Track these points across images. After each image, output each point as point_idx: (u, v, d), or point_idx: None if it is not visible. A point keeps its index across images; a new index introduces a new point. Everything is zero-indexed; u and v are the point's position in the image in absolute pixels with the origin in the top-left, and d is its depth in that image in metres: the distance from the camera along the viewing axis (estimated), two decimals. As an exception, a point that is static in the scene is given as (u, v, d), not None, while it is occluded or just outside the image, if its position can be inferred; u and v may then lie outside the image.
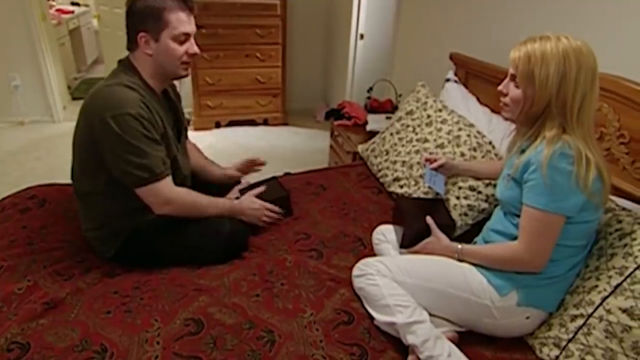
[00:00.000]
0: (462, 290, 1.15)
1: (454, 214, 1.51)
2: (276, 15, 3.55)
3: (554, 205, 1.03)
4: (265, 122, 3.91)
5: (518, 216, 1.13)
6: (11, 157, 3.19)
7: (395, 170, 1.78)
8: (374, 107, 2.74)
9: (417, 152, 1.72)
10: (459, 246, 1.23)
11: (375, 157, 1.95)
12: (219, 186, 1.60)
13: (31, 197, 1.63)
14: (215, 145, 3.53)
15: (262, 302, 1.23)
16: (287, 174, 1.98)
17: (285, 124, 3.94)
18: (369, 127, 2.50)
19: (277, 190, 1.68)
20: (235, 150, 3.45)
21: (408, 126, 1.85)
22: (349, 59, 3.61)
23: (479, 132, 1.65)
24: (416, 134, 1.78)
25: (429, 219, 1.30)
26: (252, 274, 1.34)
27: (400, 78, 2.86)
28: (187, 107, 3.88)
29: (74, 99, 4.36)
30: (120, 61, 1.31)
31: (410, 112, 1.89)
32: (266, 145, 3.55)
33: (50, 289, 1.25)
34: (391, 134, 1.91)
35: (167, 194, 1.27)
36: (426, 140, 1.71)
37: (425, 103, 1.85)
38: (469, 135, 1.63)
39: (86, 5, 5.26)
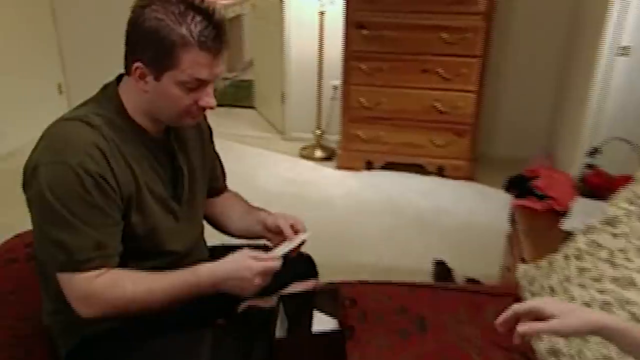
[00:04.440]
0: None
1: None
2: (477, 12, 3.39)
3: None
4: (440, 172, 3.82)
5: None
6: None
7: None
8: (594, 185, 2.29)
9: (607, 304, 1.40)
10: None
11: (532, 293, 1.68)
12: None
13: (28, 244, 1.70)
14: (356, 194, 3.59)
15: None
16: (440, 263, 1.87)
17: (471, 179, 3.78)
18: (565, 225, 2.08)
19: (329, 306, 1.54)
20: (383, 206, 3.43)
21: (599, 246, 1.55)
22: (595, 85, 3.19)
23: None
24: (614, 266, 1.47)
25: None
26: None
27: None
28: (333, 133, 4.09)
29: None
30: (106, 85, 1.37)
31: (613, 221, 1.56)
32: (430, 208, 3.43)
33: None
34: (566, 257, 1.62)
35: (84, 290, 1.24)
36: (633, 284, 1.39)
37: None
38: None
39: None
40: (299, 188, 3.66)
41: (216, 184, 1.63)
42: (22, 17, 4.06)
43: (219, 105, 5.17)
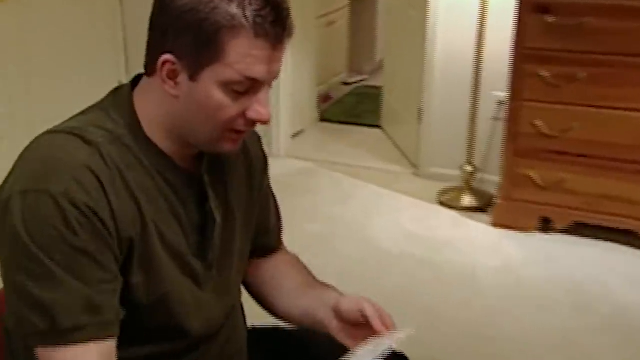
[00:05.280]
0: None
1: None
2: None
3: None
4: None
5: None
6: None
7: None
8: None
9: None
10: None
11: None
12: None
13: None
14: (519, 268, 3.36)
15: None
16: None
17: None
18: None
19: None
20: (561, 294, 3.19)
21: None
22: None
23: None
24: None
25: None
26: None
27: None
28: (491, 172, 3.94)
29: (323, 120, 4.89)
30: (116, 89, 1.41)
31: None
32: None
33: None
34: None
35: None
36: None
37: None
38: None
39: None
40: (430, 249, 3.47)
41: (266, 239, 1.59)
42: (88, 8, 4.38)
43: (330, 121, 4.94)
